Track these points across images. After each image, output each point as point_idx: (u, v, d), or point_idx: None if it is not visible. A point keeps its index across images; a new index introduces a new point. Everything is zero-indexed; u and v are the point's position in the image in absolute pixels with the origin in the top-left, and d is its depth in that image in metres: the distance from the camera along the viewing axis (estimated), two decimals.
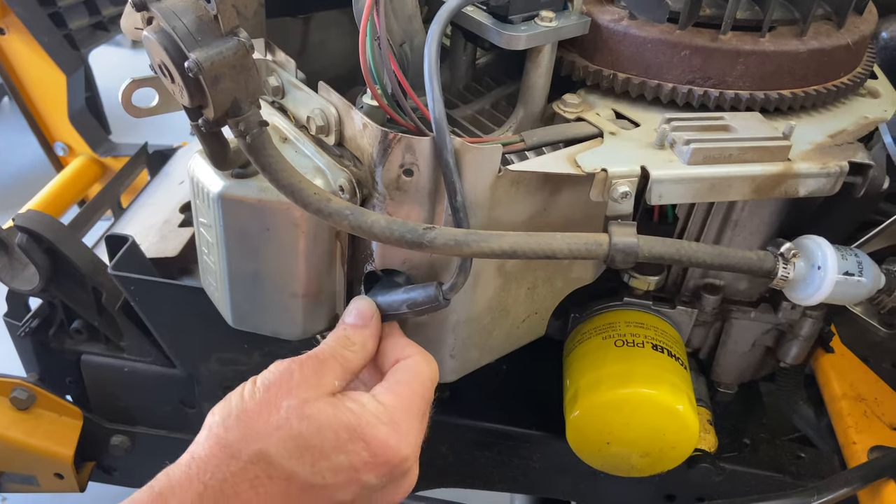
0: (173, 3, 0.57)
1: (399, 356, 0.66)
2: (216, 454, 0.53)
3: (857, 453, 0.91)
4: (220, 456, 0.53)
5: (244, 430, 0.54)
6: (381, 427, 0.56)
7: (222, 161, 0.67)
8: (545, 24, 0.71)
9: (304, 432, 0.53)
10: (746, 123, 0.71)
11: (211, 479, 0.51)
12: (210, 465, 0.52)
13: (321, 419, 0.54)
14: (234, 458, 0.52)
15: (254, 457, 0.52)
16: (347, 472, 0.54)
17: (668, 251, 0.67)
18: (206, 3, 0.55)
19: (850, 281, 0.72)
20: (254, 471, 0.52)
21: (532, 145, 0.71)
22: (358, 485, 0.54)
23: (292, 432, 0.53)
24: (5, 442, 1.00)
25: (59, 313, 1.01)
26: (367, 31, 0.66)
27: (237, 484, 0.51)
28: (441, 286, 0.68)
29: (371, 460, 0.54)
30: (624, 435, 0.82)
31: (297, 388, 0.57)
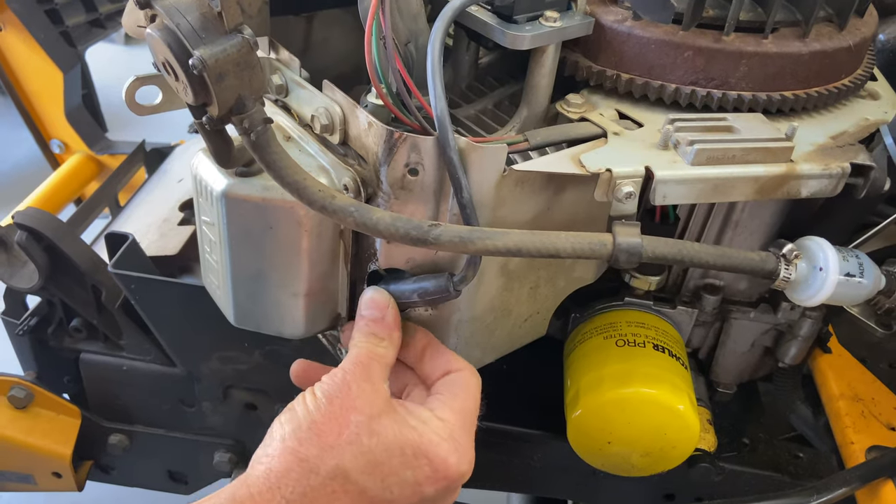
0: (177, 1, 0.56)
1: (448, 368, 0.69)
2: (294, 468, 0.56)
3: (855, 453, 0.92)
4: (298, 470, 0.55)
5: (319, 444, 0.57)
6: (442, 444, 0.59)
7: (226, 159, 0.67)
8: (549, 24, 0.71)
9: (373, 448, 0.57)
10: (749, 124, 0.71)
11: (292, 493, 0.55)
12: (290, 479, 0.55)
13: (388, 436, 0.58)
14: (313, 473, 0.55)
15: (332, 472, 0.56)
16: (412, 486, 0.57)
17: (672, 252, 0.68)
18: (210, 1, 0.55)
19: (852, 282, 0.73)
20: (332, 486, 0.55)
21: (536, 145, 0.71)
22: (419, 497, 0.58)
23: (363, 448, 0.57)
24: (3, 441, 1.00)
25: (57, 311, 1.01)
26: (372, 30, 0.66)
27: (316, 498, 0.55)
28: (452, 277, 0.69)
29: (433, 475, 0.58)
30: (625, 434, 0.82)
31: (357, 400, 0.60)
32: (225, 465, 1.06)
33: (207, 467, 1.07)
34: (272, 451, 0.58)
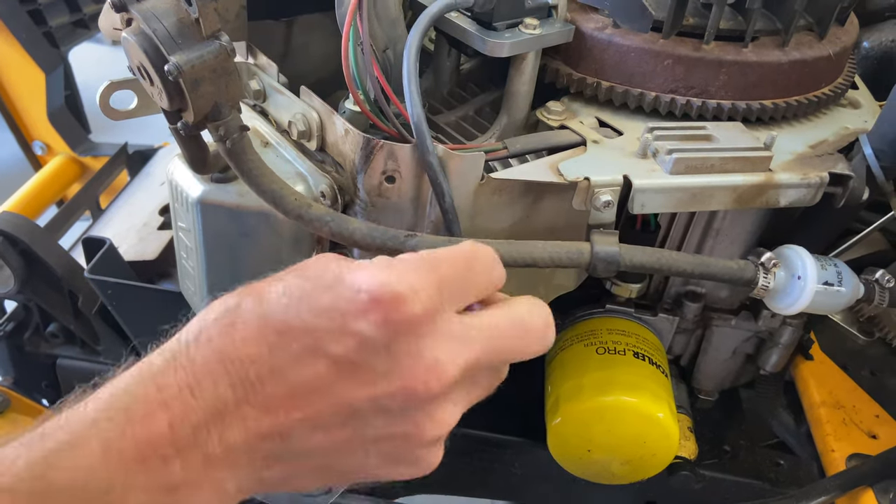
0: (153, 5, 0.56)
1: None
2: (192, 321, 0.46)
3: (836, 461, 0.92)
4: (197, 320, 0.46)
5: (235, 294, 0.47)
6: (371, 267, 0.45)
7: (201, 165, 0.66)
8: (529, 31, 0.70)
9: (286, 281, 0.45)
10: (728, 133, 0.71)
11: (187, 334, 0.45)
12: (190, 327, 0.45)
13: (307, 270, 0.46)
14: (207, 313, 0.45)
15: (230, 307, 0.45)
16: (331, 313, 0.43)
17: (650, 260, 0.68)
18: (188, 6, 0.55)
19: (830, 291, 0.73)
20: (229, 318, 0.44)
21: (515, 153, 0.70)
22: (349, 335, 0.43)
23: (275, 285, 0.45)
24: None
25: (34, 316, 1.00)
26: (349, 36, 0.65)
27: (209, 330, 0.44)
28: None
29: (355, 300, 0.43)
30: (605, 442, 0.82)
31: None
32: None
33: None
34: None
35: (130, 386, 0.42)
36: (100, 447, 0.40)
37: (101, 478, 0.40)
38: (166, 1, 0.56)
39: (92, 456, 0.40)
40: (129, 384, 0.42)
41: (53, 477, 0.39)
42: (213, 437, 0.42)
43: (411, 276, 0.45)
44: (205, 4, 0.54)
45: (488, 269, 0.51)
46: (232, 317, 0.44)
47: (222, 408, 0.42)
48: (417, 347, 0.44)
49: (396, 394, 0.44)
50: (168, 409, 0.41)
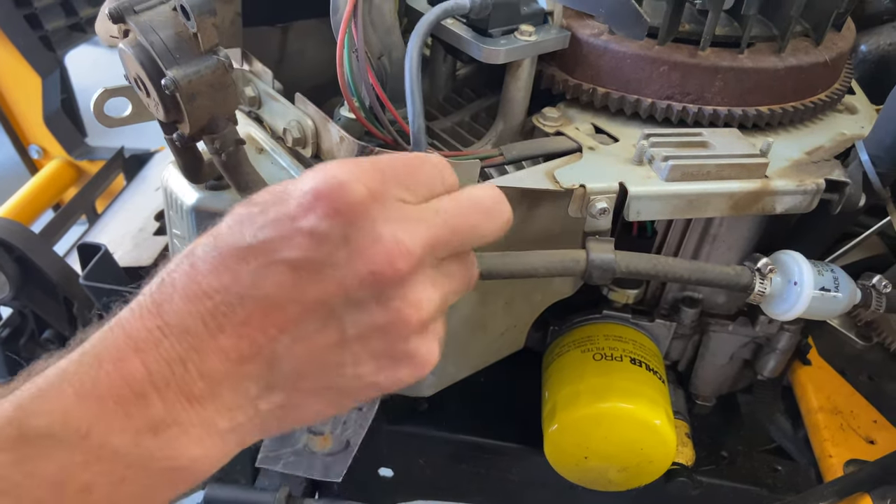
0: (151, 18, 0.56)
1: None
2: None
3: (833, 467, 0.92)
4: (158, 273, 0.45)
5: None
6: (308, 172, 0.45)
7: (196, 175, 0.66)
8: (525, 38, 0.70)
9: (235, 212, 0.45)
10: (724, 140, 0.71)
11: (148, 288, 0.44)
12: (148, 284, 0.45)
13: (253, 198, 0.46)
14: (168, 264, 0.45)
15: (187, 252, 0.45)
16: (279, 222, 0.43)
17: (646, 267, 0.67)
18: (186, 21, 0.54)
19: (826, 296, 0.73)
20: (188, 261, 0.44)
21: (511, 159, 0.70)
22: (300, 235, 0.42)
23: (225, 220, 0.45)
24: None
25: (29, 323, 0.99)
26: (344, 43, 0.65)
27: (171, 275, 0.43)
28: None
29: (300, 200, 0.43)
30: (602, 449, 0.82)
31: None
32: None
33: None
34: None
35: (98, 337, 0.42)
36: (73, 391, 0.40)
37: (78, 420, 0.39)
38: (164, 13, 0.56)
39: (65, 399, 0.39)
40: (98, 336, 0.42)
41: (29, 424, 0.38)
42: (192, 371, 0.42)
43: (349, 167, 0.44)
44: (203, 19, 0.54)
45: (439, 170, 0.50)
46: (190, 259, 0.44)
47: (196, 342, 0.42)
48: (374, 230, 0.43)
49: (364, 280, 0.43)
50: (139, 350, 0.41)
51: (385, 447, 1.00)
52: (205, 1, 0.54)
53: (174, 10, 0.56)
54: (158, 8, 0.57)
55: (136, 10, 0.56)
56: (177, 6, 0.55)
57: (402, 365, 0.48)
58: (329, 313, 0.44)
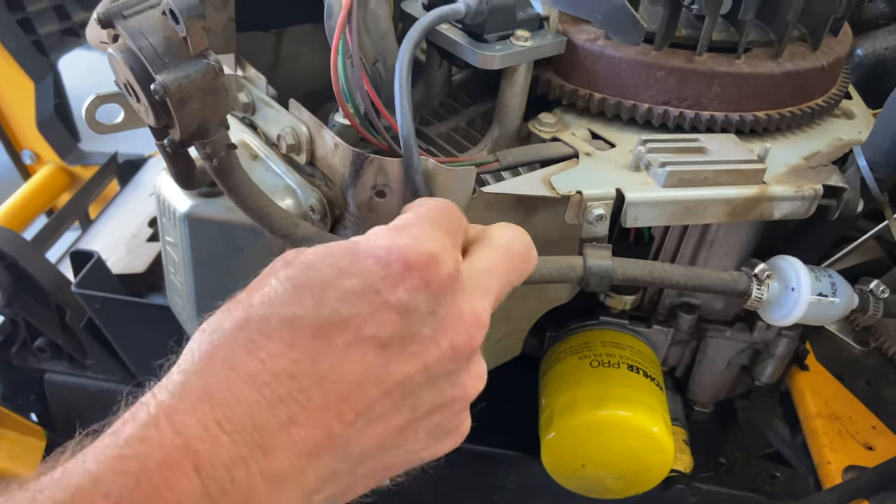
0: (140, 22, 0.55)
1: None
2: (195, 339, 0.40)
3: (832, 473, 0.91)
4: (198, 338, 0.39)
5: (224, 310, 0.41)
6: (384, 235, 0.42)
7: (188, 181, 0.65)
8: (520, 43, 0.70)
9: (292, 276, 0.40)
10: (722, 145, 0.71)
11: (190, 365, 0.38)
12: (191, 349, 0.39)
13: (309, 259, 0.41)
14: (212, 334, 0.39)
15: (238, 323, 0.39)
16: (364, 295, 0.39)
17: (643, 273, 0.67)
18: (175, 25, 0.54)
19: (824, 302, 0.72)
20: (242, 336, 0.38)
21: (507, 165, 0.70)
22: (388, 309, 0.39)
23: (275, 285, 0.40)
24: None
25: (21, 331, 0.98)
26: (339, 48, 0.64)
27: (222, 352, 0.37)
28: None
29: (386, 272, 0.39)
30: (599, 457, 0.81)
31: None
32: None
33: None
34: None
35: (139, 433, 0.34)
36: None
37: None
38: (153, 18, 0.55)
39: None
40: (138, 431, 0.35)
41: None
42: (255, 474, 0.35)
43: (432, 234, 0.42)
44: (192, 23, 0.53)
45: (456, 212, 0.50)
46: (247, 333, 0.38)
47: (265, 438, 0.35)
48: (457, 304, 0.42)
49: (446, 355, 0.41)
50: (191, 453, 0.34)
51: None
52: (194, 4, 0.53)
53: (163, 15, 0.55)
54: (148, 12, 0.56)
55: (125, 14, 0.55)
56: (166, 10, 0.54)
57: (449, 438, 0.47)
58: (407, 392, 0.41)
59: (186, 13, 0.53)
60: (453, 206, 0.49)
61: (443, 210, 0.48)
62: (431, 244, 0.41)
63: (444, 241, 0.43)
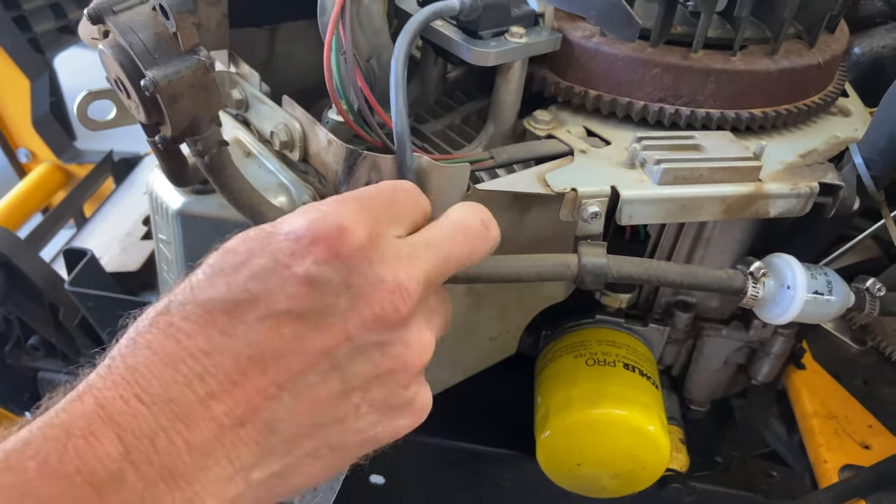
0: (130, 18, 0.54)
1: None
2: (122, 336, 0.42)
3: (828, 472, 0.91)
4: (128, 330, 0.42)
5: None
6: (298, 213, 0.43)
7: (181, 178, 0.65)
8: (515, 40, 0.69)
9: (212, 262, 0.42)
10: (717, 143, 0.70)
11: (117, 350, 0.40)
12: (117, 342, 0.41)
13: (229, 244, 0.43)
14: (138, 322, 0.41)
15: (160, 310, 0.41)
16: (274, 270, 0.40)
17: (638, 271, 0.67)
18: (165, 20, 0.53)
19: (820, 300, 0.72)
20: (163, 321, 0.40)
21: (502, 162, 0.69)
22: (296, 282, 0.40)
23: (198, 273, 0.42)
24: None
25: (15, 329, 0.98)
26: (332, 44, 0.64)
27: (144, 336, 0.39)
28: None
29: (295, 246, 0.40)
30: (595, 456, 0.81)
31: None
32: None
33: None
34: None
35: (66, 406, 0.37)
36: (35, 467, 0.34)
37: (38, 501, 0.34)
38: (143, 13, 0.54)
39: (26, 474, 0.34)
40: (65, 404, 0.37)
41: None
42: (178, 444, 0.37)
43: (343, 208, 0.43)
44: (182, 18, 0.53)
45: (413, 197, 0.50)
46: (167, 317, 0.40)
47: (183, 410, 0.37)
48: (375, 273, 0.42)
49: (368, 324, 0.42)
50: (114, 423, 0.36)
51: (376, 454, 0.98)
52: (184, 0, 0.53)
53: (153, 10, 0.55)
54: (138, 8, 0.55)
55: (115, 10, 0.55)
56: (156, 5, 0.54)
57: (402, 414, 0.47)
58: (332, 364, 0.42)
59: (176, 8, 0.53)
60: (396, 187, 0.49)
61: (374, 190, 0.48)
62: (342, 217, 0.42)
63: (358, 214, 0.43)
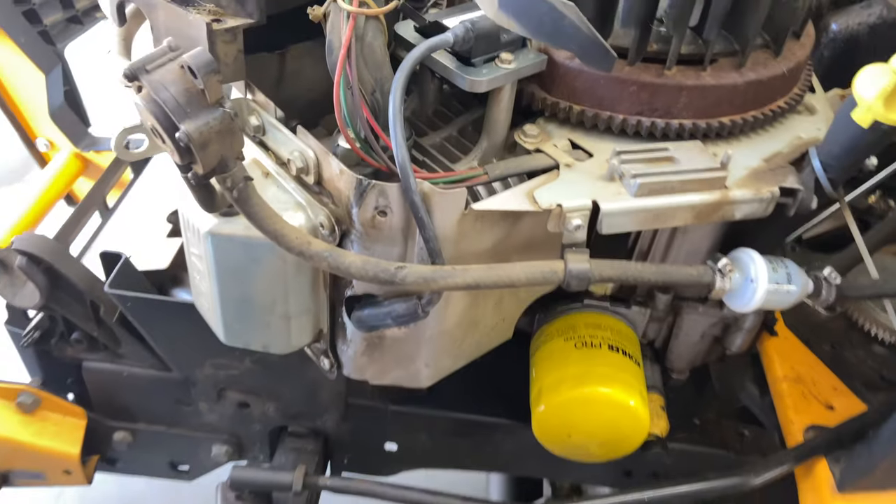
0: (162, 76, 0.62)
1: None
2: None
3: (795, 432, 1.01)
4: None
5: None
6: None
7: (210, 206, 0.73)
8: (505, 65, 0.76)
9: None
10: (688, 154, 0.78)
11: None
12: None
13: None
14: None
15: None
16: None
17: (617, 273, 0.75)
18: (194, 79, 0.61)
19: (780, 290, 0.80)
20: None
21: (495, 178, 0.77)
22: None
23: None
24: (14, 443, 1.08)
25: (59, 325, 1.08)
26: (340, 82, 0.72)
27: None
28: (420, 300, 0.76)
29: None
30: (583, 427, 0.91)
31: None
32: (222, 457, 1.15)
33: (206, 458, 1.16)
34: None
35: None
36: None
37: None
38: (173, 71, 0.62)
39: None
40: None
41: None
42: None
43: None
44: (209, 77, 0.60)
45: None
46: None
47: None
48: None
49: None
50: None
51: (389, 425, 1.09)
52: (209, 61, 0.61)
53: (182, 69, 0.62)
54: (168, 66, 0.63)
55: (147, 69, 0.63)
56: (185, 66, 0.62)
57: None
58: None
59: (203, 69, 0.61)
60: None
61: None
62: None
63: None
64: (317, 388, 1.05)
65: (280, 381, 1.05)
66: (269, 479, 0.99)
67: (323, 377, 0.95)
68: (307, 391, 1.06)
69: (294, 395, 1.08)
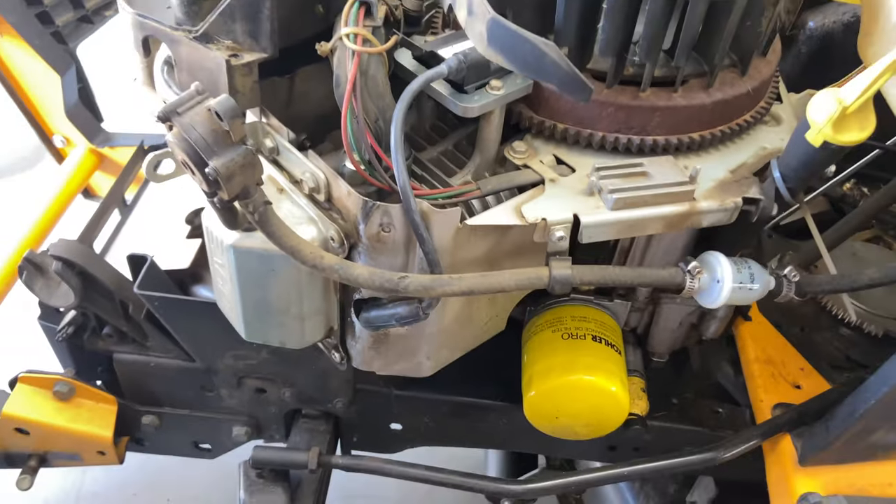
0: (192, 118, 0.70)
1: None
2: None
3: (764, 410, 1.11)
4: None
5: None
6: None
7: (233, 223, 0.82)
8: (494, 92, 0.85)
9: None
10: (661, 168, 0.87)
11: None
12: None
13: None
14: None
15: None
16: None
17: (597, 277, 0.85)
18: (220, 122, 0.69)
19: (744, 289, 0.89)
20: None
21: (486, 192, 0.86)
22: None
23: None
24: (52, 428, 1.19)
25: (91, 321, 1.17)
26: (347, 113, 0.80)
27: None
28: (421, 303, 0.86)
29: None
30: (570, 410, 1.01)
31: None
32: (242, 437, 1.26)
33: (227, 438, 1.27)
34: None
35: None
36: None
37: None
38: (201, 114, 0.70)
39: None
40: None
41: None
42: None
43: None
44: (233, 119, 0.69)
45: None
46: None
47: None
48: None
49: None
50: None
51: (394, 408, 1.20)
52: (233, 106, 0.69)
53: (209, 111, 0.71)
54: (196, 108, 0.71)
55: (178, 112, 0.71)
56: (212, 110, 0.70)
57: None
58: None
59: (228, 114, 0.69)
60: None
61: None
62: None
63: None
64: (328, 375, 1.15)
65: (294, 369, 1.16)
66: (287, 458, 1.10)
67: (333, 366, 1.05)
68: (319, 378, 1.16)
69: (307, 382, 1.18)
